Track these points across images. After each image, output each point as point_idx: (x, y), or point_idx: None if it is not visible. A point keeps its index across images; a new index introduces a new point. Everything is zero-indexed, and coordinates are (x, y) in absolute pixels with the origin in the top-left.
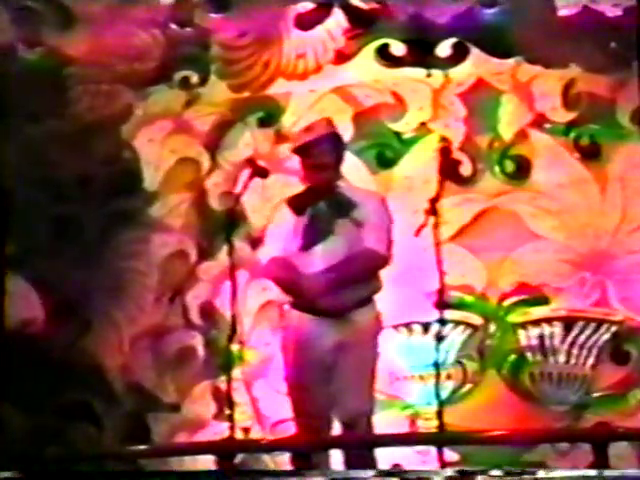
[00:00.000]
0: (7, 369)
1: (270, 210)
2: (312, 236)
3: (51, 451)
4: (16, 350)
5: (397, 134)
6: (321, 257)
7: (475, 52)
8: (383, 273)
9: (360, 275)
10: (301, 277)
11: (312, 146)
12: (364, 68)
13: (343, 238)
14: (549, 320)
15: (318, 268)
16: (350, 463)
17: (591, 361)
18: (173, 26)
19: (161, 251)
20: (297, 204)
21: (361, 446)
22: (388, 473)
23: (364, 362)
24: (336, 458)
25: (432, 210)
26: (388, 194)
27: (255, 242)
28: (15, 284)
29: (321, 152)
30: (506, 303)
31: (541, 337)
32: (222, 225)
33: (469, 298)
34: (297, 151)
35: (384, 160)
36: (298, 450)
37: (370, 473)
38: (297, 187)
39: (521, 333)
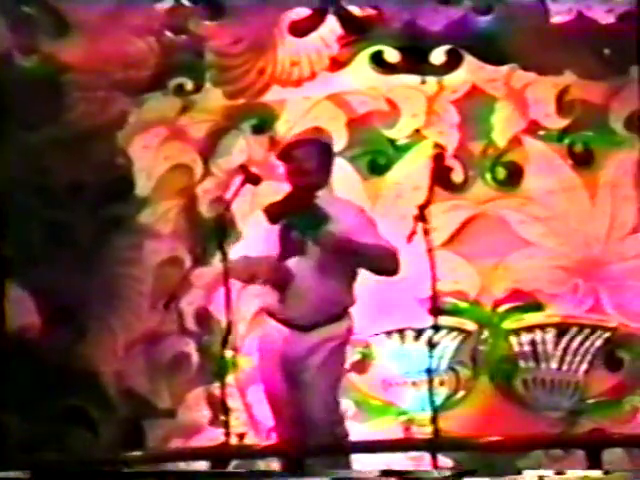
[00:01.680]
0: (3, 375)
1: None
2: (285, 249)
3: (46, 456)
4: (12, 356)
5: (391, 141)
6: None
7: (469, 59)
8: (376, 278)
9: (371, 258)
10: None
11: (294, 149)
12: (358, 75)
13: (315, 257)
14: (543, 326)
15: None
16: None
17: (584, 367)
18: (168, 33)
19: (154, 257)
20: (273, 212)
21: (355, 452)
22: (390, 473)
23: (326, 370)
24: None
25: (420, 216)
26: (377, 200)
27: None
28: (10, 290)
29: (304, 156)
30: (500, 309)
31: (534, 343)
32: (212, 231)
33: (463, 304)
34: (280, 157)
35: (376, 167)
36: (292, 456)
37: (374, 473)
38: None
39: (514, 339)
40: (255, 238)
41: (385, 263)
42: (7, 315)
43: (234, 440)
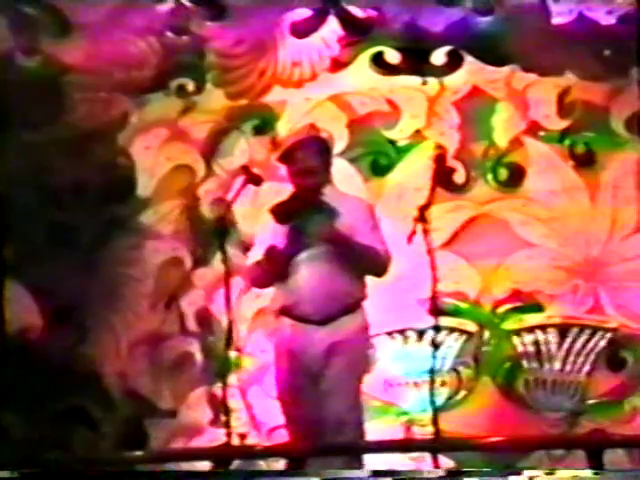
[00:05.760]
0: (5, 375)
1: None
2: (294, 246)
3: (49, 456)
4: (14, 356)
5: (392, 142)
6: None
7: (470, 60)
8: (377, 279)
9: (364, 260)
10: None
11: (295, 150)
12: (359, 76)
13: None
14: (544, 327)
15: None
16: None
17: (586, 368)
18: (169, 34)
19: (155, 258)
20: (280, 213)
21: (356, 452)
22: (382, 473)
23: (350, 370)
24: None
25: (421, 217)
26: (379, 201)
27: (247, 249)
28: (12, 291)
29: (305, 156)
30: (500, 310)
31: (536, 344)
32: (213, 232)
33: (464, 305)
34: (282, 159)
35: (378, 168)
36: (294, 456)
37: (364, 473)
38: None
39: (516, 340)
40: (264, 240)
41: (372, 266)
42: (9, 316)
43: (235, 440)
